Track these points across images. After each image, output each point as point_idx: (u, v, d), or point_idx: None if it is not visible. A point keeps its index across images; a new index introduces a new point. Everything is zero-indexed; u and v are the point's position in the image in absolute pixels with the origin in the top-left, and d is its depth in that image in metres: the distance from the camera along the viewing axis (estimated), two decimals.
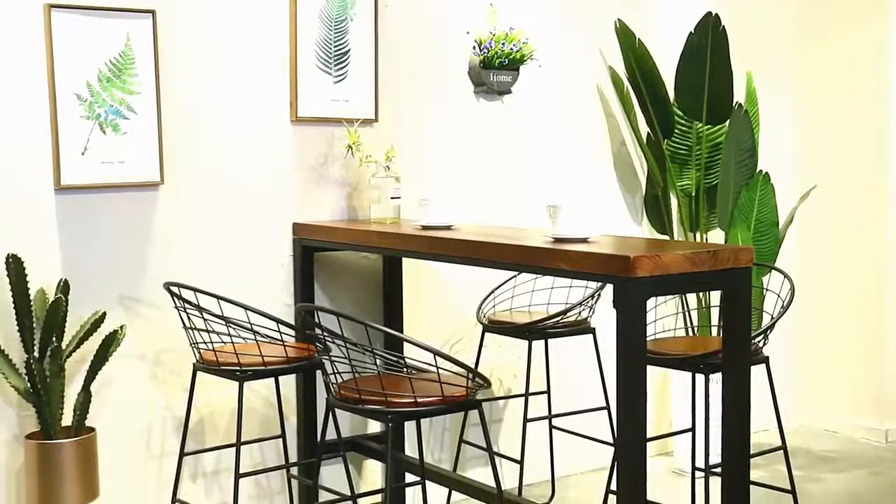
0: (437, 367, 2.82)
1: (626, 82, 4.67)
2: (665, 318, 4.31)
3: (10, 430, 3.36)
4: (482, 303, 4.13)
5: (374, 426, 4.14)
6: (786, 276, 3.66)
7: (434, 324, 4.25)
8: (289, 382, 3.85)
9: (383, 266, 4.08)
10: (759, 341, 3.50)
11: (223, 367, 3.28)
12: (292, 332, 3.50)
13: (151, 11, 3.52)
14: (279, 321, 3.28)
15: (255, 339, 3.26)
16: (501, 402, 4.47)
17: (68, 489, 3.21)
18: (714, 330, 4.51)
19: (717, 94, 4.48)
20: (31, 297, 3.25)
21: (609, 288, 2.65)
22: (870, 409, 5.23)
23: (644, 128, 4.73)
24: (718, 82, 4.46)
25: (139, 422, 3.63)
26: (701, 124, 4.62)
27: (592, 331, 4.00)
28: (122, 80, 3.48)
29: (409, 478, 4.00)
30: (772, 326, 3.51)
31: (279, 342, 3.30)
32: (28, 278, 3.22)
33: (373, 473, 4.18)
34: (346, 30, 3.95)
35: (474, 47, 4.29)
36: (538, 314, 4.02)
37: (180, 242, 3.67)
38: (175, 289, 3.36)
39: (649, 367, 2.68)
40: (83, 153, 3.42)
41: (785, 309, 3.52)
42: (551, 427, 4.24)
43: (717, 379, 3.33)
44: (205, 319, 3.27)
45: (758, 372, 3.13)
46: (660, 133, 4.65)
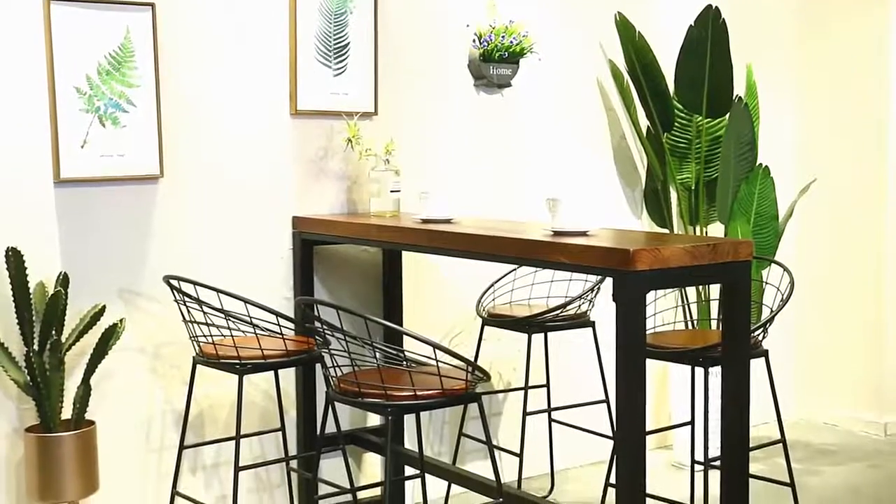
0: (437, 361, 2.82)
1: (626, 75, 4.67)
2: (664, 311, 4.31)
3: (9, 423, 3.37)
4: (482, 296, 4.13)
5: (374, 419, 4.15)
6: (785, 269, 3.66)
7: (433, 317, 4.25)
8: (288, 376, 3.85)
9: (383, 259, 4.08)
10: (759, 334, 3.50)
11: (223, 361, 3.29)
12: (292, 326, 3.50)
13: (151, 4, 3.52)
14: (279, 314, 3.28)
15: (255, 333, 3.26)
16: (501, 395, 4.48)
17: (68, 482, 3.21)
18: (713, 323, 4.51)
19: (716, 87, 4.48)
20: (31, 291, 3.25)
21: (609, 281, 2.65)
22: (869, 402, 5.24)
23: (644, 121, 4.73)
24: (718, 75, 4.46)
25: (139, 415, 3.63)
26: (701, 117, 4.61)
27: (592, 324, 4.01)
28: (121, 74, 3.47)
29: (409, 471, 4.00)
30: (771, 320, 3.51)
31: (279, 335, 3.30)
32: (28, 271, 3.22)
33: (372, 466, 4.19)
34: (345, 23, 3.95)
35: (474, 40, 4.28)
36: (538, 307, 4.02)
37: (180, 236, 3.67)
38: (175, 282, 3.36)
39: (649, 361, 2.69)
40: (83, 146, 3.42)
41: (784, 302, 3.52)
42: (551, 420, 4.25)
43: (716, 372, 3.34)
44: (204, 313, 3.27)
45: (757, 365, 3.13)
46: (660, 126, 4.65)
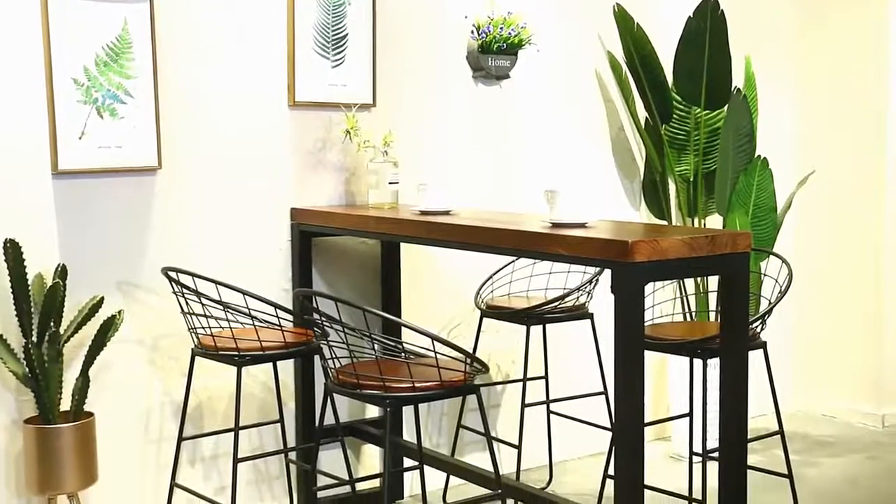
0: (436, 352, 2.82)
1: (625, 67, 4.66)
2: (663, 303, 4.31)
3: (8, 415, 3.37)
4: (480, 288, 4.13)
5: (373, 411, 4.15)
6: (784, 261, 3.66)
7: (432, 309, 4.25)
8: (287, 367, 3.85)
9: (381, 251, 4.08)
10: (757, 326, 3.50)
11: (221, 352, 3.29)
12: (290, 318, 3.50)
13: None
14: (277, 306, 3.28)
15: (254, 325, 3.27)
16: (499, 387, 4.48)
17: (67, 473, 3.22)
18: (712, 315, 4.52)
19: (715, 78, 4.47)
20: (29, 282, 3.25)
21: (607, 273, 2.65)
22: (867, 394, 5.24)
23: (642, 113, 4.73)
24: (717, 67, 4.45)
25: (138, 407, 3.63)
26: (699, 109, 4.61)
27: (590, 316, 4.01)
28: (119, 65, 3.47)
29: (408, 462, 4.01)
30: (769, 311, 3.51)
31: (277, 327, 3.30)
32: (26, 263, 3.22)
33: (371, 458, 4.19)
34: (343, 14, 3.94)
35: (472, 32, 4.28)
36: (536, 299, 4.02)
37: (178, 227, 3.67)
38: (173, 274, 3.36)
39: (647, 353, 2.69)
40: (80, 138, 3.41)
41: (783, 294, 3.52)
42: (549, 412, 4.25)
43: (714, 364, 3.35)
44: (203, 304, 3.27)
45: (755, 357, 3.14)
46: (658, 118, 4.64)
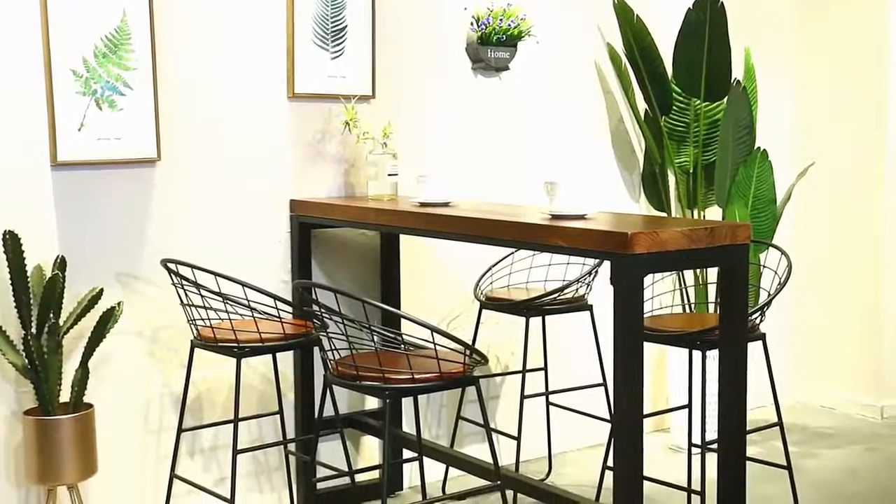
0: (435, 344, 2.82)
1: (624, 59, 4.65)
2: (662, 294, 4.31)
3: (8, 407, 3.37)
4: (480, 279, 4.13)
5: (372, 402, 4.15)
6: (783, 252, 3.66)
7: (431, 300, 4.26)
8: (286, 359, 3.85)
9: (381, 243, 4.08)
10: (756, 318, 3.50)
11: (221, 344, 3.29)
12: (290, 309, 3.50)
13: None
14: (277, 298, 3.28)
15: (253, 316, 3.27)
16: (498, 378, 4.48)
17: (67, 465, 3.22)
18: (711, 307, 4.52)
19: (715, 70, 4.47)
20: (29, 274, 3.25)
21: (606, 265, 2.65)
22: (866, 385, 5.25)
23: (642, 104, 4.72)
24: (717, 59, 4.45)
25: (137, 398, 3.63)
26: (699, 101, 4.61)
27: (590, 307, 4.01)
28: (118, 56, 3.46)
29: (407, 454, 4.01)
30: (769, 303, 3.51)
31: (276, 319, 3.30)
32: (25, 255, 3.21)
33: (370, 449, 4.20)
34: (342, 5, 3.93)
35: (472, 23, 4.27)
36: (535, 291, 4.02)
37: (177, 219, 3.67)
38: (172, 265, 3.36)
39: (646, 344, 2.69)
40: (79, 129, 3.41)
41: (782, 286, 3.52)
42: (548, 403, 4.25)
43: (713, 355, 3.35)
44: (202, 296, 3.27)
45: (754, 348, 3.14)
46: (658, 110, 4.64)
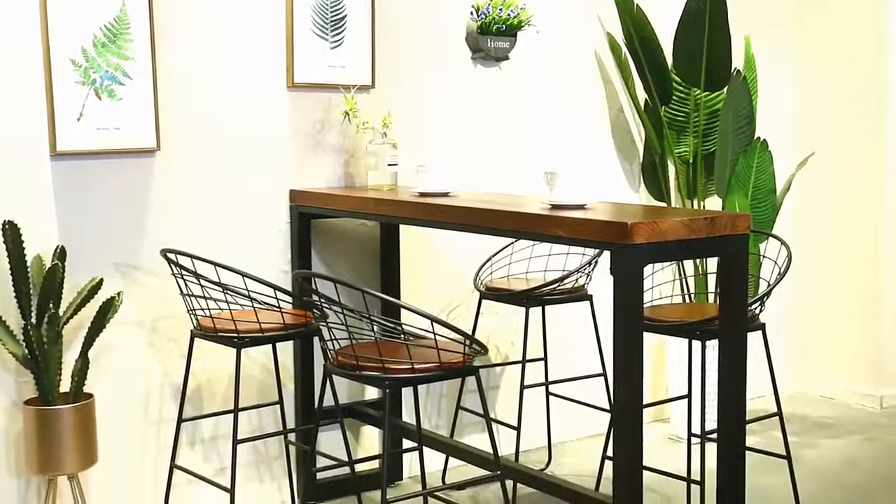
0: (435, 334, 2.82)
1: (624, 48, 4.65)
2: (662, 284, 4.31)
3: (8, 397, 3.37)
4: (479, 270, 4.13)
5: (372, 392, 4.16)
6: (783, 242, 3.66)
7: (431, 291, 4.26)
8: (286, 349, 3.86)
9: (380, 233, 4.08)
10: (756, 308, 3.50)
11: (220, 334, 3.29)
12: (289, 299, 3.50)
13: None
14: (276, 288, 3.28)
15: (253, 306, 3.27)
16: (498, 368, 4.49)
17: (67, 455, 3.22)
18: (711, 297, 4.52)
19: (715, 60, 4.46)
20: (28, 264, 3.25)
21: (606, 255, 2.65)
22: (865, 375, 5.25)
23: (642, 94, 4.72)
24: (717, 48, 4.44)
25: (137, 388, 3.64)
26: (699, 91, 4.60)
27: (589, 298, 4.01)
28: (117, 46, 3.45)
29: (407, 444, 4.01)
30: (768, 293, 3.51)
31: (276, 309, 3.30)
32: (24, 245, 3.21)
33: (370, 439, 4.20)
34: None
35: (472, 13, 4.26)
36: (535, 281, 4.02)
37: (177, 209, 3.67)
38: (172, 256, 3.35)
39: (646, 334, 2.69)
40: (79, 119, 3.40)
41: (782, 276, 3.52)
42: (548, 394, 4.26)
43: (713, 345, 3.35)
44: (202, 286, 3.27)
45: (754, 339, 3.14)
46: (657, 100, 4.63)
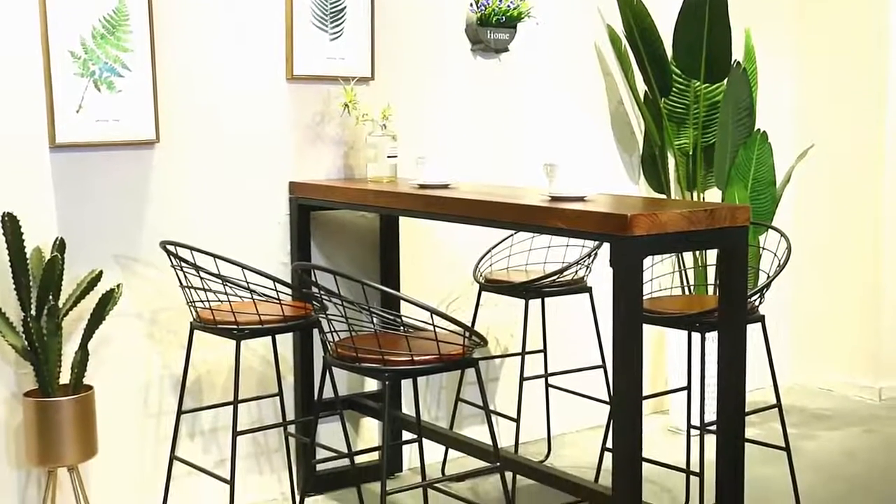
0: (434, 326, 2.82)
1: (624, 40, 4.64)
2: (661, 276, 4.31)
3: (8, 388, 3.37)
4: (479, 262, 4.13)
5: (371, 384, 4.16)
6: (782, 234, 3.66)
7: (431, 282, 4.26)
8: (286, 341, 3.86)
9: (380, 225, 4.08)
10: (756, 300, 3.51)
11: (220, 326, 3.29)
12: (289, 291, 3.50)
13: None
14: (276, 280, 3.28)
15: (252, 298, 3.27)
16: (498, 360, 4.49)
17: (67, 446, 3.22)
18: (710, 289, 4.52)
19: (715, 52, 4.46)
20: (28, 256, 3.25)
21: (606, 246, 2.65)
22: (864, 367, 5.26)
23: (642, 86, 4.71)
24: (717, 40, 4.43)
25: (137, 380, 3.64)
26: (699, 83, 4.60)
27: (589, 290, 4.01)
28: (116, 37, 3.45)
29: (406, 435, 4.02)
30: (768, 285, 3.51)
31: (276, 301, 3.30)
32: (24, 237, 3.21)
33: (370, 431, 4.20)
34: None
35: (471, 4, 4.25)
36: (535, 273, 4.02)
37: (176, 201, 3.66)
38: (171, 247, 3.35)
39: (645, 326, 2.69)
40: (78, 111, 3.40)
41: (781, 268, 3.52)
42: (547, 385, 4.26)
43: (712, 337, 3.35)
44: (201, 278, 3.27)
45: (753, 331, 3.14)
46: (657, 91, 4.63)
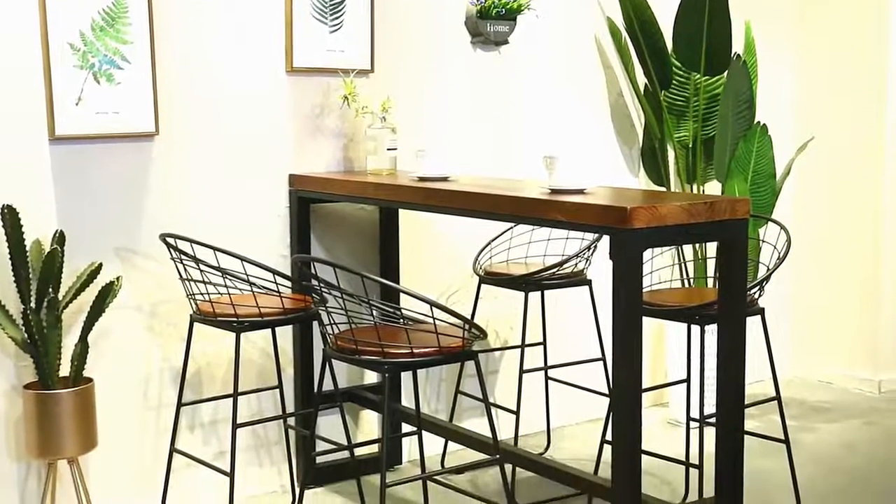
0: (434, 319, 2.82)
1: (624, 33, 4.63)
2: (661, 269, 4.31)
3: (7, 381, 3.38)
4: (479, 254, 4.13)
5: (371, 377, 4.16)
6: (782, 227, 3.66)
7: (430, 275, 4.26)
8: (285, 333, 3.86)
9: (380, 217, 4.08)
10: (755, 293, 3.50)
11: (220, 319, 3.29)
12: (289, 284, 3.50)
13: None
14: (276, 272, 3.28)
15: (252, 291, 3.27)
16: (497, 353, 4.49)
17: (67, 438, 3.23)
18: (710, 281, 4.52)
19: (715, 44, 4.45)
20: (27, 249, 3.24)
21: (606, 239, 2.65)
22: (864, 360, 5.26)
23: (641, 79, 4.71)
24: (717, 33, 4.43)
25: (137, 372, 3.64)
26: (699, 75, 4.59)
27: (589, 282, 4.01)
28: (115, 30, 3.44)
29: (406, 428, 4.02)
30: (767, 278, 3.51)
31: (276, 293, 3.30)
32: (24, 229, 3.21)
33: (369, 424, 4.21)
34: None
35: None
36: (535, 266, 4.02)
37: (176, 194, 3.66)
38: (171, 240, 3.35)
39: (645, 319, 2.69)
40: (77, 103, 3.40)
41: (781, 260, 3.52)
42: (547, 378, 4.26)
43: (712, 330, 3.35)
44: (201, 271, 3.27)
45: (753, 323, 3.14)
46: (657, 84, 4.62)
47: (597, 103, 4.75)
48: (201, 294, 3.33)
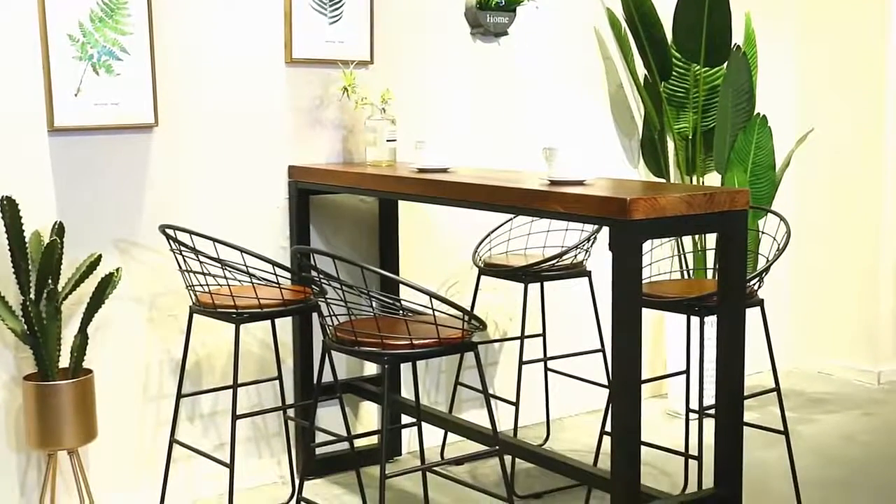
0: (433, 310, 2.82)
1: (624, 24, 4.63)
2: (661, 260, 4.31)
3: (7, 372, 3.38)
4: (478, 246, 4.13)
5: (371, 368, 4.17)
6: (782, 218, 3.66)
7: (430, 266, 4.26)
8: (285, 325, 3.86)
9: (379, 209, 4.08)
10: (755, 284, 3.50)
11: (219, 310, 3.29)
12: (288, 275, 3.50)
13: None
14: (275, 264, 3.28)
15: (251, 282, 3.27)
16: (497, 344, 4.50)
17: (66, 429, 3.23)
18: (710, 273, 4.52)
19: (715, 35, 4.44)
20: (27, 240, 3.24)
21: (605, 230, 2.65)
22: (863, 351, 5.26)
23: (641, 70, 4.70)
24: (717, 24, 4.42)
25: (136, 364, 3.64)
26: (699, 66, 4.59)
27: (588, 274, 4.01)
28: (114, 21, 3.44)
29: (406, 419, 4.03)
30: (767, 269, 3.51)
31: (275, 285, 3.30)
32: (23, 221, 3.20)
33: (369, 415, 4.21)
34: None
35: None
36: (534, 257, 4.02)
37: (175, 185, 3.66)
38: (171, 231, 3.35)
39: (644, 310, 2.69)
40: (76, 95, 3.39)
41: (780, 252, 3.52)
42: (547, 369, 4.27)
43: (711, 321, 3.35)
44: (201, 262, 3.27)
45: (752, 314, 3.14)
46: (657, 75, 4.62)
47: (596, 94, 4.75)
48: (201, 285, 3.33)
